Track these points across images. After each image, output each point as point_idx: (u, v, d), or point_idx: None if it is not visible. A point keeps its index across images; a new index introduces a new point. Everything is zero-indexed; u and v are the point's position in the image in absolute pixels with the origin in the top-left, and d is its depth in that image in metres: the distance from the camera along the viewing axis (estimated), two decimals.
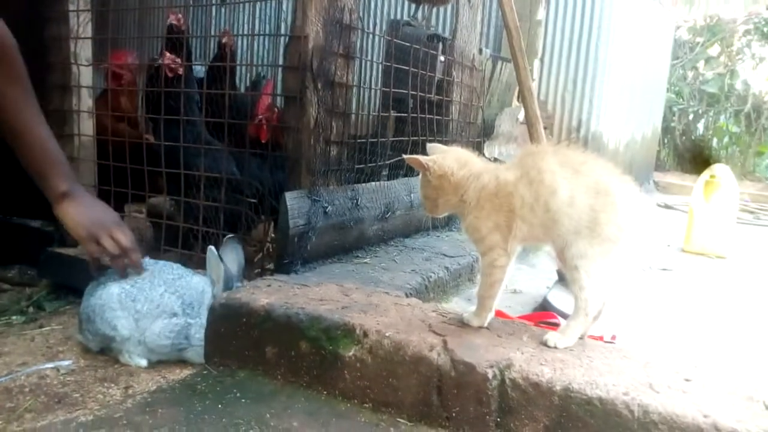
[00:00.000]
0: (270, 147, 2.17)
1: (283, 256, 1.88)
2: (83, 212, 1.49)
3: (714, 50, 9.41)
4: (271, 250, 2.22)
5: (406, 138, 2.61)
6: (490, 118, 3.84)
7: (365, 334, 1.41)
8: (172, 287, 1.71)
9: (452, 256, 2.34)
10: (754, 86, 9.13)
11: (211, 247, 1.68)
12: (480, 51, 3.23)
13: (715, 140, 9.35)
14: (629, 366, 1.31)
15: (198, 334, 1.66)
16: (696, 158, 8.96)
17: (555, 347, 1.36)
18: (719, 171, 3.83)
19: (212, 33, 2.93)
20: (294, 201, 1.89)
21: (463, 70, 3.04)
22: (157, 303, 1.67)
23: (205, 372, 1.59)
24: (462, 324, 1.47)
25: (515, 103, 4.12)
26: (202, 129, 2.29)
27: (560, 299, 2.03)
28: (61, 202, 1.47)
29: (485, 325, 1.46)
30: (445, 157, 1.41)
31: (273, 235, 2.30)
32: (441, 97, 2.90)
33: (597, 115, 4.94)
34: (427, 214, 1.51)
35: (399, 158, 2.53)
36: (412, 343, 1.37)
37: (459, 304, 2.14)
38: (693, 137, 9.38)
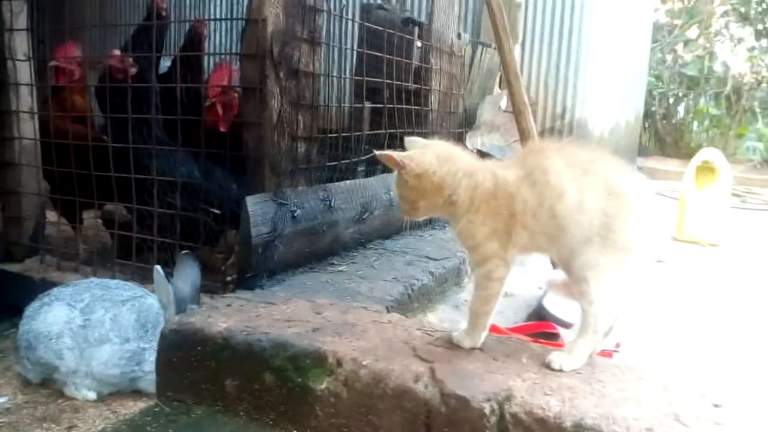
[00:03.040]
0: (231, 144, 1.94)
1: (246, 269, 1.67)
2: None
3: (692, 33, 9.28)
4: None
5: (383, 131, 2.41)
6: (471, 107, 3.65)
7: (339, 363, 1.21)
8: (125, 309, 1.52)
9: (437, 259, 2.14)
10: (733, 68, 9.02)
11: (157, 267, 1.46)
12: (459, 36, 3.03)
13: (695, 123, 9.23)
14: (647, 390, 1.12)
15: (153, 359, 1.47)
16: (677, 142, 8.85)
17: (561, 370, 1.17)
18: (711, 155, 3.67)
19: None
20: (257, 206, 1.68)
21: (442, 56, 2.83)
22: (109, 327, 1.49)
23: (156, 409, 1.37)
24: (452, 345, 1.27)
25: (497, 90, 3.93)
26: (154, 128, 2.05)
27: (556, 304, 1.85)
28: None
29: (479, 345, 1.26)
30: (424, 153, 1.20)
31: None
32: (419, 86, 2.69)
33: (581, 100, 4.77)
34: (405, 218, 1.30)
35: (373, 154, 2.33)
36: (394, 372, 1.16)
37: (446, 313, 1.94)
38: (674, 121, 9.26)
